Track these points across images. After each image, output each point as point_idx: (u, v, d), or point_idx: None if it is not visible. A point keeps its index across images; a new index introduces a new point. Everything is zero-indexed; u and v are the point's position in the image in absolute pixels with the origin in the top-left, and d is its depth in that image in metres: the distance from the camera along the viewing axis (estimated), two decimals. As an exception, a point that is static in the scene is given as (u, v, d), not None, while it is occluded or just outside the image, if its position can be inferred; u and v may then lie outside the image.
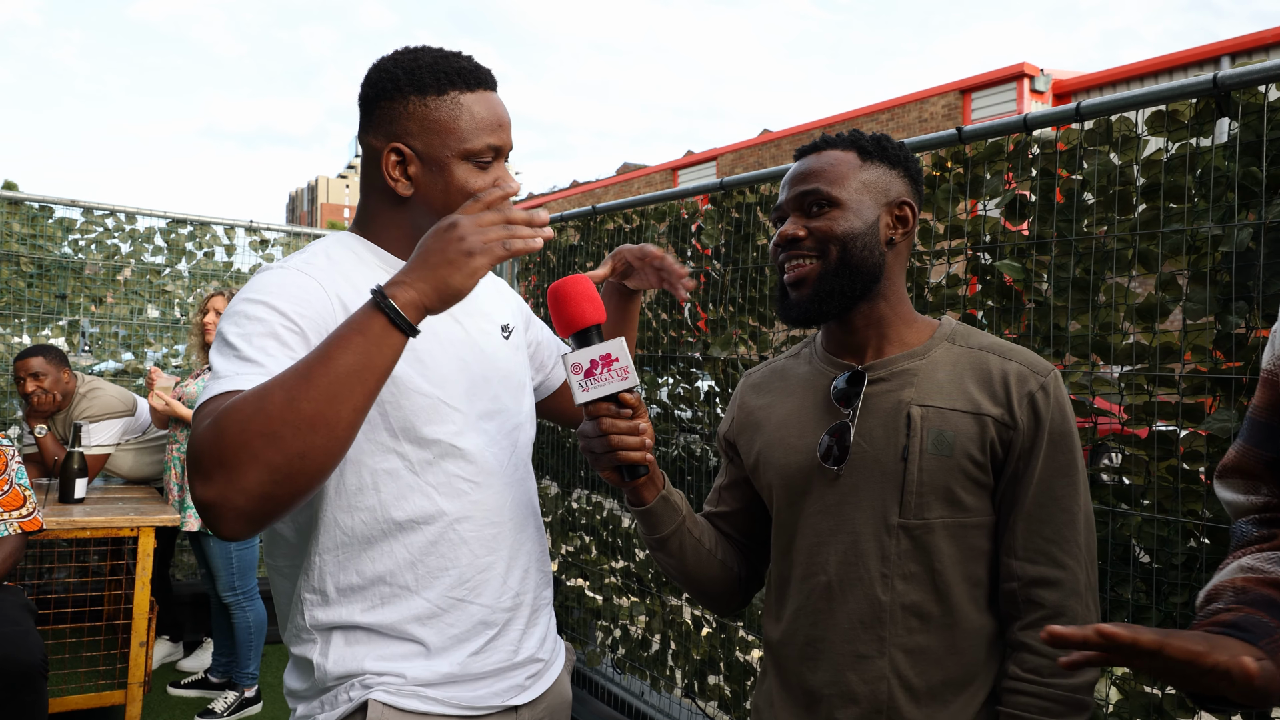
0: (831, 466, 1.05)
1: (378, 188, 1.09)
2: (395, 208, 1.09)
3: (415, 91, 1.04)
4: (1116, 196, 1.66)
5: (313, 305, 0.99)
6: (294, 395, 0.80)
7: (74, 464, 3.17)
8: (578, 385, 0.99)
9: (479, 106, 1.06)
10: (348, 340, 0.84)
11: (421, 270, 0.88)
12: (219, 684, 3.43)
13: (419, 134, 1.04)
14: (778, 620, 1.12)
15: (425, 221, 1.07)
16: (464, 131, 1.04)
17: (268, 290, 0.98)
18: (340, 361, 0.83)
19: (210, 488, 0.79)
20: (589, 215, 3.22)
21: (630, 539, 3.05)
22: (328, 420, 0.81)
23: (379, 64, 1.08)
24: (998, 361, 1.05)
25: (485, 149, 1.05)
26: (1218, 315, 1.52)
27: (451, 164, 1.04)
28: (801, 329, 1.15)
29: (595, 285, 1.05)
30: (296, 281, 1.00)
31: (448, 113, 1.04)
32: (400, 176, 1.05)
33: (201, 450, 0.80)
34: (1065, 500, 1.00)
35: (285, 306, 0.97)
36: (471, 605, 1.07)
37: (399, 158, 1.05)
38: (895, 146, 1.10)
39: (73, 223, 4.37)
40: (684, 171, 17.67)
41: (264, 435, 0.79)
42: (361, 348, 0.84)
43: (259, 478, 0.79)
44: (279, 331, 0.95)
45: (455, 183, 1.05)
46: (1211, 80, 1.48)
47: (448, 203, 1.05)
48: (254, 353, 0.92)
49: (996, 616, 1.04)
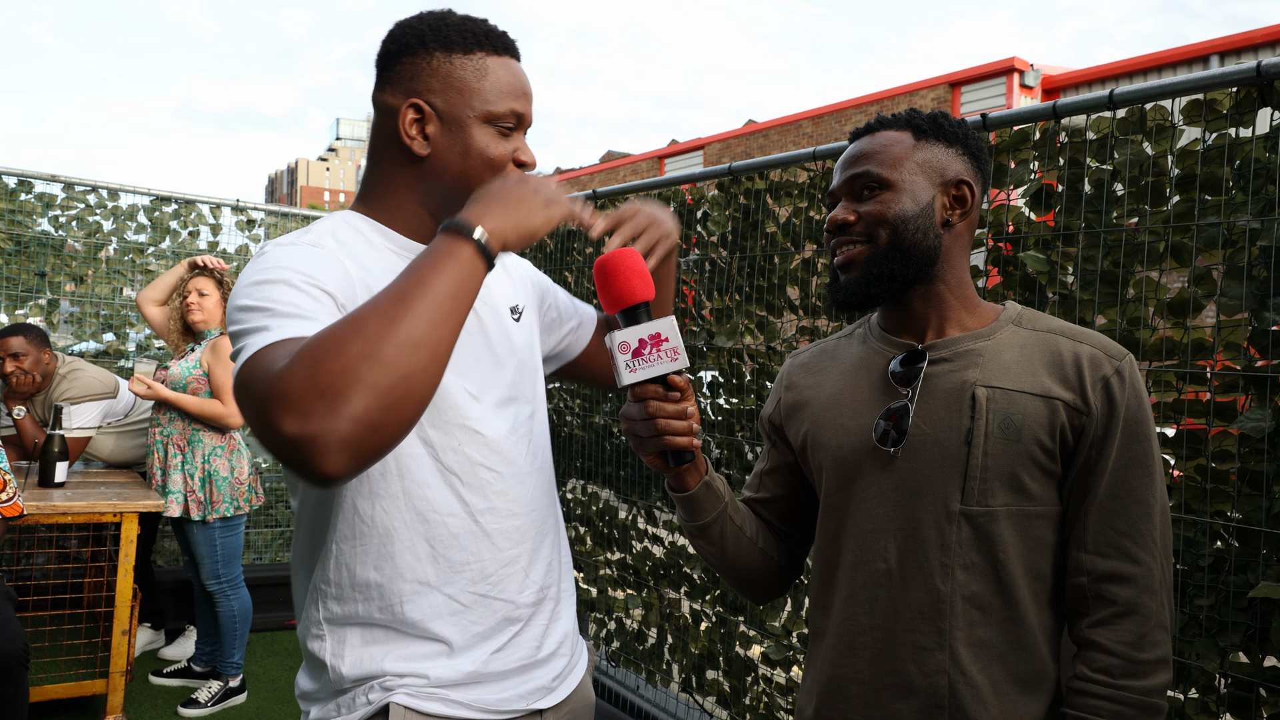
0: (888, 449, 1.00)
1: (392, 147, 1.02)
2: (407, 168, 1.02)
3: (441, 48, 1.00)
4: (1149, 187, 1.62)
5: (333, 274, 0.93)
6: (393, 317, 0.76)
7: (54, 447, 3.07)
8: (624, 365, 0.94)
9: (504, 71, 1.01)
10: (439, 266, 0.81)
11: (501, 208, 0.88)
12: (202, 673, 3.36)
13: (441, 91, 0.99)
14: (824, 610, 1.07)
15: (438, 186, 1.02)
16: (487, 93, 0.99)
17: (282, 264, 0.91)
18: (437, 286, 0.79)
19: (310, 421, 0.71)
20: (589, 199, 3.15)
21: (627, 530, 3.00)
22: (431, 342, 0.77)
23: (403, 21, 1.03)
24: (1069, 344, 1.00)
25: (508, 113, 1.01)
26: (1253, 311, 1.48)
27: (472, 125, 0.99)
28: (850, 313, 1.10)
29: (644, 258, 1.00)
30: (311, 254, 0.94)
31: (472, 72, 1.00)
32: (417, 134, 1.00)
33: (291, 384, 0.72)
34: (1140, 491, 0.95)
35: (310, 272, 0.90)
36: (495, 600, 1.03)
37: (418, 114, 1.00)
38: (954, 124, 1.05)
39: (53, 199, 4.24)
40: (670, 160, 17.58)
41: (367, 358, 0.73)
42: (454, 273, 0.81)
43: (366, 403, 0.72)
44: (310, 291, 0.88)
45: (475, 146, 0.99)
46: (1255, 69, 1.44)
47: (465, 166, 1.00)
48: (290, 308, 0.85)
49: (1058, 614, 1.00)
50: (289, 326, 0.83)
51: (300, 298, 0.87)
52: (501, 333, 1.11)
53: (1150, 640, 0.93)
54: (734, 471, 2.54)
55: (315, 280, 0.90)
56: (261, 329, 0.83)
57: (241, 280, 0.93)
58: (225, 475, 3.14)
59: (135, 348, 4.46)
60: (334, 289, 0.91)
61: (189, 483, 3.12)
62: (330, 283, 0.91)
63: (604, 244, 1.05)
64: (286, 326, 0.83)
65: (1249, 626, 1.48)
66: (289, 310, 0.85)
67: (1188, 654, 1.54)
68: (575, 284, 3.29)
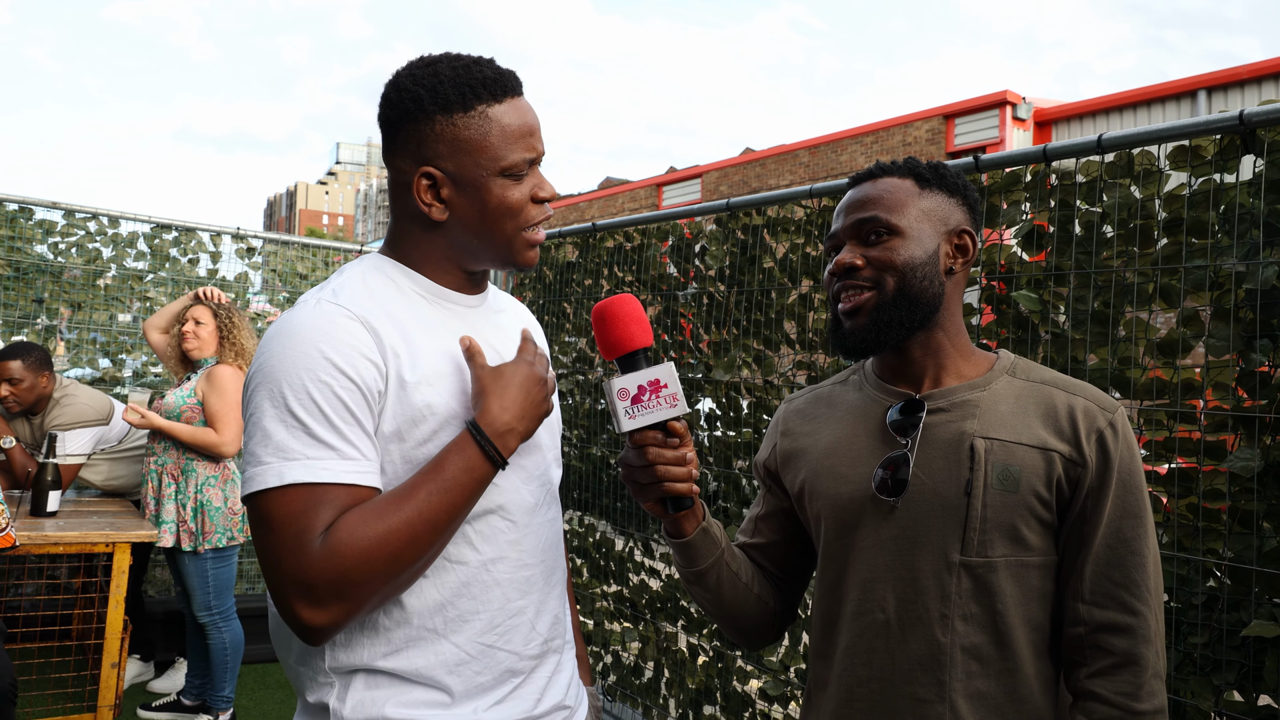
0: (887, 498, 1.01)
1: (410, 212, 1.03)
2: (430, 231, 1.04)
3: (440, 110, 0.98)
4: (1137, 230, 1.65)
5: (364, 349, 0.95)
6: (419, 539, 0.90)
7: (47, 476, 3.05)
8: (624, 412, 0.94)
9: (509, 117, 1.00)
10: (466, 486, 0.94)
11: (519, 412, 0.98)
12: (192, 706, 3.31)
13: (450, 155, 0.99)
14: (825, 660, 1.07)
15: (462, 240, 1.03)
16: (497, 148, 0.99)
17: (312, 350, 0.93)
18: (461, 508, 0.94)
19: (322, 614, 0.87)
20: (588, 232, 3.18)
21: (624, 563, 2.99)
22: (440, 547, 0.94)
23: (397, 82, 1.01)
24: (1064, 397, 1.01)
25: (521, 162, 1.01)
26: (1241, 353, 1.51)
27: (488, 182, 1.00)
28: (853, 360, 1.10)
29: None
30: (340, 325, 0.95)
31: (478, 130, 0.99)
32: (434, 201, 1.01)
33: (317, 580, 0.86)
34: (1135, 542, 0.97)
35: (340, 362, 0.93)
36: (500, 652, 1.02)
37: (430, 181, 1.00)
38: (954, 174, 1.07)
39: (53, 225, 4.25)
40: (668, 188, 17.72)
41: (388, 576, 0.89)
42: (476, 492, 0.96)
43: (374, 605, 0.90)
44: (342, 395, 0.92)
45: (493, 200, 1.00)
46: (1238, 116, 1.47)
47: (485, 221, 1.01)
48: (324, 430, 0.91)
49: (1055, 663, 1.00)
50: (316, 464, 0.90)
51: (324, 424, 0.91)
52: None
53: (1148, 690, 0.94)
54: (731, 504, 2.55)
55: (344, 368, 0.92)
56: (284, 454, 0.90)
57: (273, 337, 0.94)
58: (218, 505, 3.13)
59: (132, 374, 4.46)
60: (364, 375, 0.93)
61: (181, 513, 3.11)
62: (361, 366, 0.93)
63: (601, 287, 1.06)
64: (313, 463, 0.90)
65: (1242, 665, 1.48)
66: (320, 432, 0.91)
67: (1183, 692, 1.54)
68: (574, 314, 3.31)
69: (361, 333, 0.95)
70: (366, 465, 0.92)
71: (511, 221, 1.01)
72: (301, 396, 0.90)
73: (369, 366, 0.94)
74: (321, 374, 0.91)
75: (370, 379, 0.94)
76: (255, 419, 0.92)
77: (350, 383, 0.92)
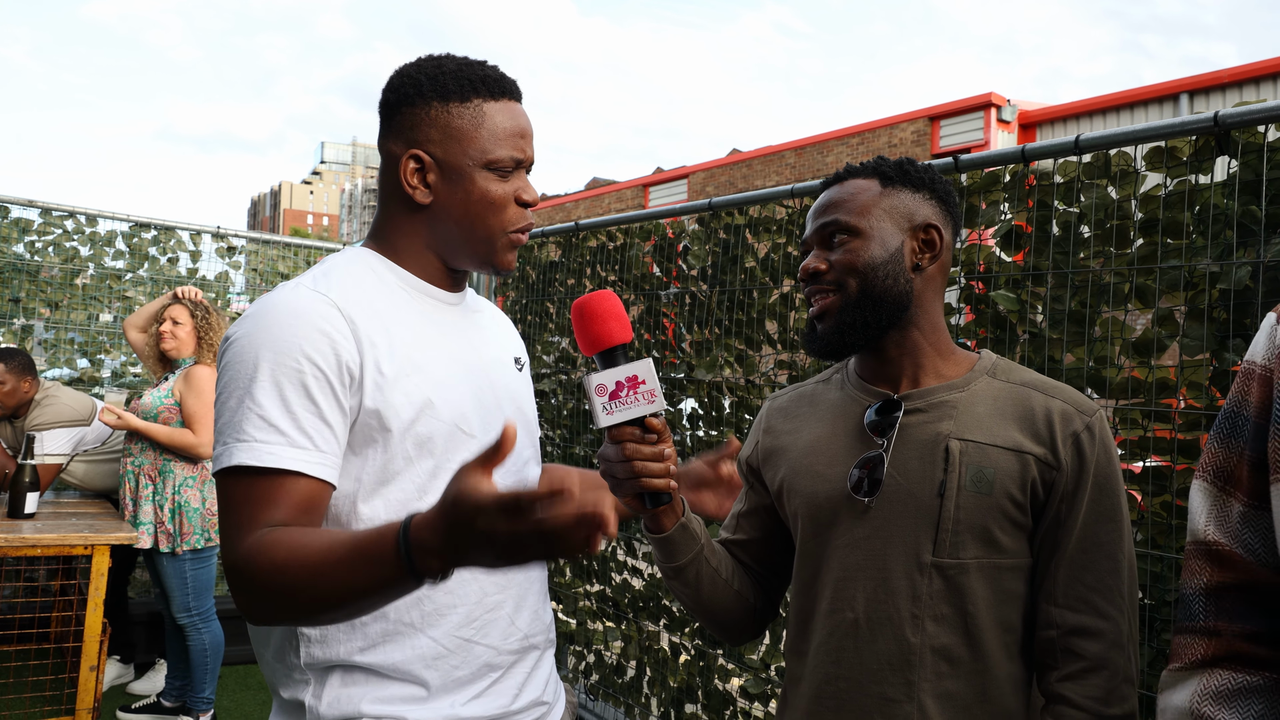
0: (862, 498, 1.02)
1: (396, 195, 1.05)
2: (412, 215, 1.05)
3: (438, 97, 1.02)
4: (1114, 230, 1.67)
5: (333, 339, 0.94)
6: (318, 592, 0.84)
7: (25, 477, 3.01)
8: (602, 407, 0.95)
9: (502, 116, 1.03)
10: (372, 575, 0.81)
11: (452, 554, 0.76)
12: (172, 708, 3.28)
13: (440, 141, 1.02)
14: (800, 657, 1.07)
15: (443, 230, 1.05)
16: (485, 140, 1.02)
17: (285, 335, 0.93)
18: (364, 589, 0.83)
19: (242, 601, 0.89)
20: (571, 231, 3.18)
21: (606, 562, 2.99)
22: (348, 613, 0.87)
23: (402, 70, 1.05)
24: (1041, 399, 1.01)
25: (507, 159, 1.03)
26: (1214, 352, 1.52)
27: (472, 173, 1.02)
28: (830, 361, 1.11)
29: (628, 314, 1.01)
30: (316, 311, 0.95)
31: (470, 120, 1.02)
32: (419, 184, 1.03)
33: (253, 577, 0.87)
34: (1109, 546, 0.97)
35: (306, 345, 0.92)
36: (478, 646, 1.02)
37: (418, 165, 1.02)
38: (920, 169, 1.07)
39: (30, 224, 4.21)
40: (655, 188, 17.72)
41: (287, 601, 0.86)
42: (381, 582, 0.81)
43: (284, 619, 0.90)
44: (307, 382, 0.92)
45: (476, 192, 1.02)
46: (1212, 118, 1.49)
47: (467, 211, 1.03)
48: (279, 415, 0.91)
49: (1027, 665, 1.01)
50: (259, 451, 0.90)
51: (294, 401, 0.91)
52: (504, 381, 1.13)
53: (1118, 695, 0.94)
54: (712, 504, 2.55)
55: (311, 361, 0.92)
56: (243, 437, 0.90)
57: (242, 331, 0.94)
58: (196, 506, 3.10)
59: (110, 374, 4.42)
60: (330, 363, 0.93)
61: (159, 514, 3.08)
62: (331, 354, 0.93)
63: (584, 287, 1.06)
64: (257, 450, 0.90)
65: (1216, 663, 1.49)
66: (278, 420, 0.91)
67: (1155, 688, 1.56)
68: (558, 314, 3.31)
69: (338, 319, 0.95)
70: (318, 456, 0.92)
71: (495, 218, 1.03)
72: (264, 380, 0.91)
73: (341, 354, 0.94)
74: (288, 360, 0.92)
75: (341, 367, 0.94)
76: (221, 397, 0.94)
77: (318, 370, 0.93)
